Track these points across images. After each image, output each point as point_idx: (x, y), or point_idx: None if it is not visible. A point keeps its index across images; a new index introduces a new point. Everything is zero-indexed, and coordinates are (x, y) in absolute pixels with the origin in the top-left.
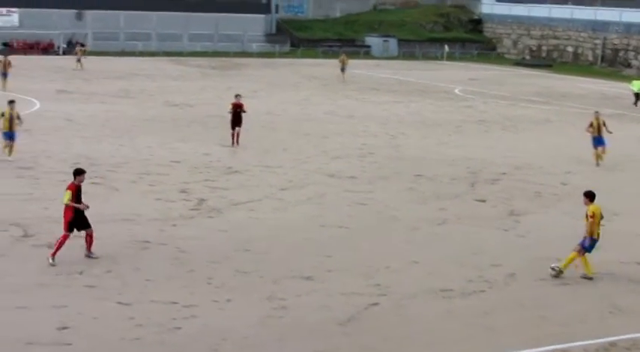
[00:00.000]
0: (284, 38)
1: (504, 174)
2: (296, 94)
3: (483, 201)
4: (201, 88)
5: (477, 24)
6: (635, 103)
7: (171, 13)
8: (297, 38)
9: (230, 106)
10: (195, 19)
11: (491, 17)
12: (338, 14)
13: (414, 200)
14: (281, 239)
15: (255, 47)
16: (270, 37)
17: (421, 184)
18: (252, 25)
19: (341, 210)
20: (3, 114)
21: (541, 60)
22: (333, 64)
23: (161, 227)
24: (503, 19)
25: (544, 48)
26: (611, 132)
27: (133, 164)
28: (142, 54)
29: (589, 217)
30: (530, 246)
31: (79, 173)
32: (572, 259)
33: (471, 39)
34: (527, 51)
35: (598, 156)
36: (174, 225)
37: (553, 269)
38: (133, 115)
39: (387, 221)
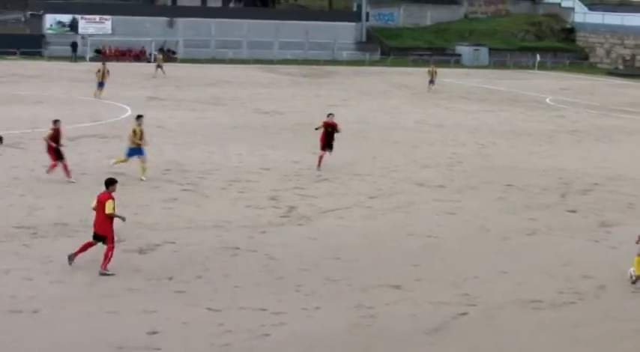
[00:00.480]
0: (374, 46)
1: (596, 184)
2: (386, 103)
3: (574, 211)
4: (291, 95)
5: (569, 33)
6: None
7: (261, 21)
8: (387, 46)
9: (320, 124)
10: (286, 27)
11: (584, 26)
12: (428, 22)
13: (503, 210)
14: (370, 247)
15: (345, 55)
16: (360, 45)
17: (511, 194)
18: (343, 33)
19: (429, 219)
20: (134, 132)
21: (635, 69)
22: (424, 72)
23: (250, 234)
24: (596, 28)
25: (638, 57)
26: None
27: (223, 171)
28: (232, 61)
29: None
30: (621, 257)
31: (112, 183)
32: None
33: (563, 48)
34: (620, 60)
35: None
36: (263, 232)
37: (631, 276)
38: (223, 122)
39: (476, 230)
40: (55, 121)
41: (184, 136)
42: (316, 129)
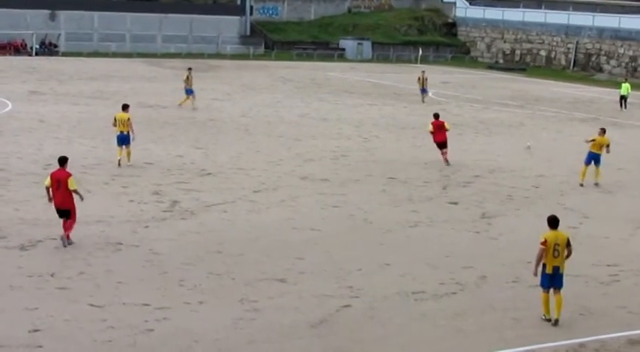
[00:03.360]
0: (258, 40)
1: (477, 176)
2: (270, 97)
3: (456, 203)
4: (174, 89)
5: (451, 27)
6: (621, 106)
7: (145, 14)
8: (271, 40)
9: (431, 127)
10: (170, 20)
11: (465, 21)
12: (312, 17)
13: (386, 202)
14: (254, 241)
15: (229, 49)
16: (244, 39)
17: (394, 187)
18: (227, 27)
19: (314, 212)
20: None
21: (514, 64)
22: (308, 66)
23: (134, 229)
24: (477, 23)
25: (517, 52)
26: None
27: (106, 165)
28: (115, 55)
29: (540, 244)
30: (502, 248)
31: (66, 160)
32: (559, 302)
33: (445, 42)
34: (500, 54)
35: (596, 175)
36: (146, 227)
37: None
38: (106, 116)
39: (360, 223)
40: None
41: (66, 131)
42: (432, 132)
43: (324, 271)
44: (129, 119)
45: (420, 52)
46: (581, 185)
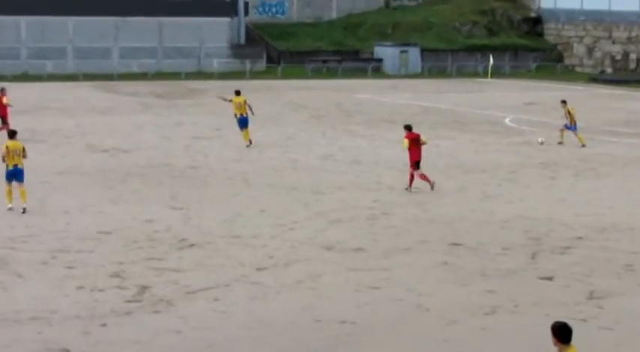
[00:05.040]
0: (258, 51)
1: (580, 239)
2: (277, 131)
3: (550, 278)
4: (140, 125)
5: (534, 24)
6: None
7: (94, 19)
8: (276, 51)
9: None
10: (130, 25)
11: (556, 14)
12: (335, 15)
13: (449, 280)
14: (258, 341)
15: (216, 65)
16: (237, 50)
17: (459, 257)
18: (212, 33)
19: (344, 297)
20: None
21: (629, 73)
22: (330, 86)
23: (85, 328)
24: (572, 16)
25: (633, 56)
26: None
27: (43, 238)
28: (52, 78)
29: None
30: (619, 342)
31: None
32: None
33: (527, 46)
34: (608, 61)
35: None
36: (103, 325)
37: None
38: (41, 167)
39: (412, 311)
40: None
41: None
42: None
43: None
44: (24, 149)
45: (491, 60)
46: None
